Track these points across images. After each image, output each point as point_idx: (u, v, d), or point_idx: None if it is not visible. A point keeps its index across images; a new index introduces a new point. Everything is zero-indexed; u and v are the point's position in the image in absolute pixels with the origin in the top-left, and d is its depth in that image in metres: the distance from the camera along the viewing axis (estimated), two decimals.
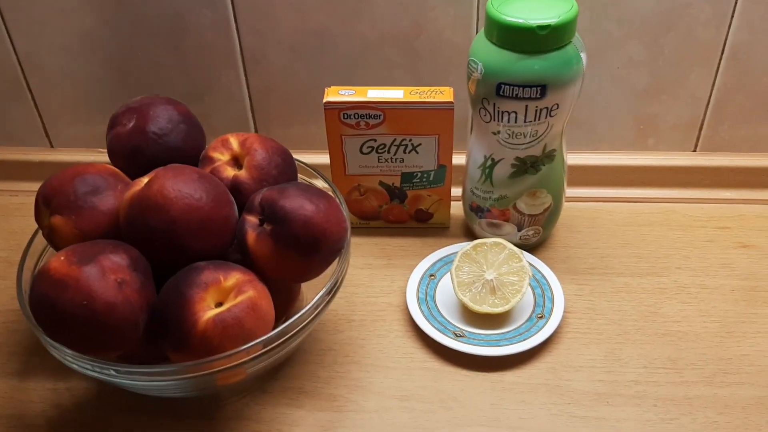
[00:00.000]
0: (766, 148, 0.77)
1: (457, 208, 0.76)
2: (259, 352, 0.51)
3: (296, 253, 0.53)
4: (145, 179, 0.53)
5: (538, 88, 0.58)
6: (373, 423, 0.57)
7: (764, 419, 0.56)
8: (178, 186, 0.52)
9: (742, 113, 0.75)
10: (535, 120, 0.61)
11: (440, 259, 0.70)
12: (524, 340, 0.61)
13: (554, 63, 0.58)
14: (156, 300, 0.51)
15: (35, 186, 0.57)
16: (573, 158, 0.72)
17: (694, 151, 0.78)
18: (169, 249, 0.52)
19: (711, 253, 0.72)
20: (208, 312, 0.49)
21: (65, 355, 0.50)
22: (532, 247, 0.72)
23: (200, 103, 0.74)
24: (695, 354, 0.61)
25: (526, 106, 0.60)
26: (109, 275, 0.48)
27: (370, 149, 0.69)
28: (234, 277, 0.52)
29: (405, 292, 0.66)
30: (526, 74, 0.58)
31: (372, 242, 0.74)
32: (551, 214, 0.69)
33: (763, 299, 0.66)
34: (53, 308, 0.47)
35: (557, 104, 0.60)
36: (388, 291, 0.68)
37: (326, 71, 0.74)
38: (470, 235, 0.74)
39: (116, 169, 0.58)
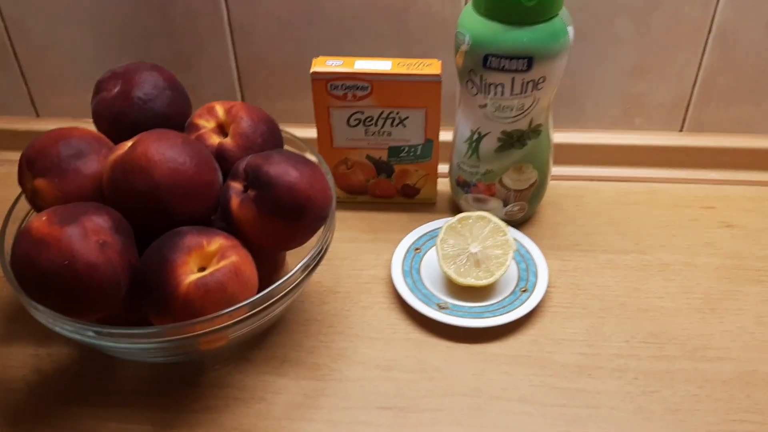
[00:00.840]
0: (751, 129, 0.78)
1: (443, 185, 0.76)
2: (242, 317, 0.50)
3: (280, 220, 0.53)
4: (128, 143, 0.53)
5: (525, 60, 0.58)
6: (356, 391, 0.57)
7: (744, 393, 0.56)
8: (162, 149, 0.52)
9: (728, 93, 0.75)
10: (521, 93, 0.61)
11: (426, 233, 0.70)
12: (507, 312, 0.61)
13: (541, 35, 0.58)
14: (138, 263, 0.51)
15: (19, 155, 0.56)
16: (559, 136, 0.72)
17: (681, 131, 0.79)
18: (151, 213, 0.52)
19: (695, 232, 0.72)
20: (190, 276, 0.49)
21: (46, 317, 0.49)
22: (517, 223, 0.72)
23: (187, 74, 0.74)
24: (677, 329, 0.62)
25: (513, 78, 0.60)
26: (91, 236, 0.48)
27: (357, 122, 0.69)
28: (217, 242, 0.52)
29: (390, 265, 0.66)
30: (513, 46, 0.58)
31: (358, 216, 0.74)
32: (537, 190, 0.70)
33: (746, 277, 0.67)
34: (34, 267, 0.47)
35: (544, 77, 0.60)
36: (373, 264, 0.68)
37: (314, 43, 0.74)
38: (456, 211, 0.74)
39: (100, 134, 0.58)
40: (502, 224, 0.65)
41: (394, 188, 0.74)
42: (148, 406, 0.56)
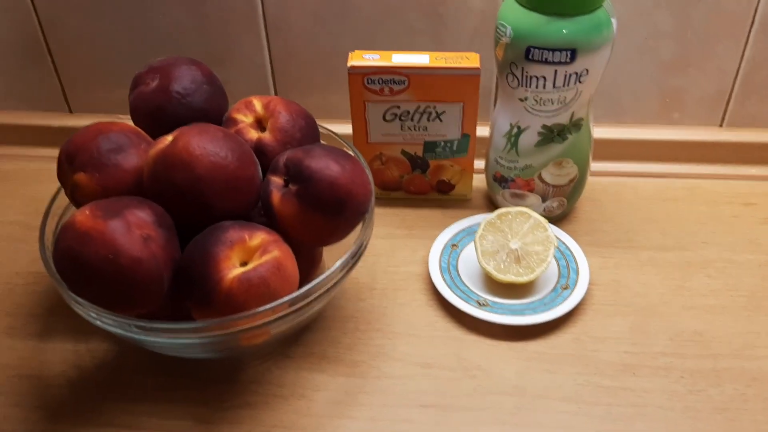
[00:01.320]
0: None
1: (478, 181, 0.75)
2: (284, 312, 0.50)
3: (321, 214, 0.52)
4: (169, 137, 0.52)
5: (568, 52, 0.57)
6: (396, 389, 0.56)
7: None
8: (203, 143, 0.51)
9: None
10: (563, 86, 0.60)
11: (463, 230, 0.69)
12: (549, 310, 0.60)
13: (585, 26, 0.57)
14: (180, 257, 0.51)
15: (54, 152, 0.56)
16: (596, 131, 0.71)
17: (720, 126, 0.77)
18: (193, 207, 0.51)
19: (737, 228, 0.71)
20: (233, 270, 0.49)
21: (88, 311, 0.49)
22: (555, 219, 0.71)
23: (220, 69, 0.72)
24: (722, 327, 0.60)
25: (555, 71, 0.59)
26: (134, 230, 0.48)
27: (393, 116, 0.68)
28: (259, 236, 0.51)
29: (427, 262, 0.66)
30: (556, 37, 0.57)
31: (392, 213, 0.73)
32: (576, 186, 0.68)
33: None
34: (78, 261, 0.46)
35: (587, 69, 0.59)
36: (409, 261, 0.68)
37: (348, 37, 0.73)
38: (492, 207, 0.73)
39: (138, 128, 0.58)
40: (543, 220, 0.64)
41: (429, 184, 0.74)
42: (187, 402, 0.55)
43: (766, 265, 0.66)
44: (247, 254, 0.50)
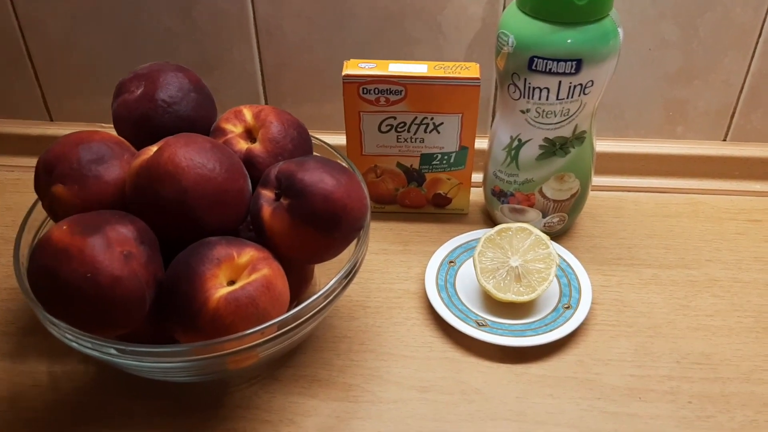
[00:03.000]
0: None
1: (475, 195, 0.72)
2: (274, 335, 0.47)
3: (315, 230, 0.50)
4: (154, 147, 0.50)
5: (574, 63, 0.55)
6: (391, 414, 0.53)
7: None
8: (190, 155, 0.48)
9: None
10: (567, 98, 0.58)
11: (460, 245, 0.66)
12: (550, 330, 0.57)
13: (591, 36, 0.55)
14: (164, 276, 0.48)
15: (33, 161, 0.53)
16: (598, 145, 0.69)
17: (725, 140, 0.75)
18: (178, 221, 0.48)
19: (742, 246, 0.69)
20: (220, 289, 0.46)
21: (64, 333, 0.46)
22: (555, 235, 0.68)
23: (210, 77, 0.71)
24: (730, 349, 0.58)
25: (560, 82, 0.56)
26: (115, 247, 0.45)
27: (389, 127, 0.65)
28: (248, 253, 0.48)
29: (423, 279, 0.63)
30: (561, 47, 0.55)
31: (387, 227, 0.71)
32: (578, 201, 0.66)
33: None
34: (54, 280, 0.43)
35: (592, 81, 0.57)
36: (405, 277, 0.65)
37: (344, 46, 0.71)
38: (490, 222, 0.71)
39: (121, 138, 0.55)
40: (544, 236, 0.61)
41: (425, 198, 0.71)
42: (169, 428, 0.52)
43: None
44: (235, 272, 0.47)
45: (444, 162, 0.68)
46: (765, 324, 0.60)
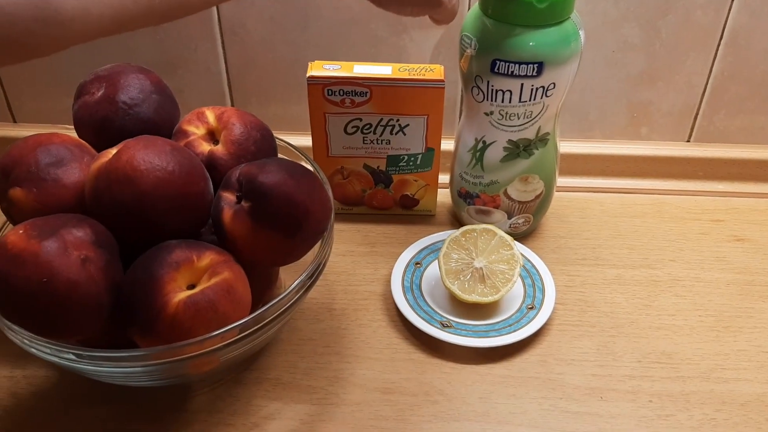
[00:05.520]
0: (761, 139, 0.75)
1: (443, 196, 0.72)
2: (234, 339, 0.47)
3: (276, 233, 0.49)
4: (113, 150, 0.49)
5: (535, 66, 0.55)
6: (354, 416, 0.53)
7: (763, 416, 0.53)
8: (149, 157, 0.48)
9: (738, 102, 0.73)
10: (530, 100, 0.58)
11: (426, 247, 0.66)
12: (514, 331, 0.58)
13: (552, 39, 0.55)
14: (123, 280, 0.47)
15: None
16: (563, 146, 0.69)
17: (688, 141, 0.76)
18: (137, 225, 0.48)
19: (705, 246, 0.69)
20: (179, 294, 0.46)
21: (22, 338, 0.45)
22: (521, 236, 0.69)
23: (174, 77, 0.70)
24: (691, 349, 0.59)
25: (522, 84, 0.57)
26: (71, 251, 0.44)
27: (355, 129, 0.65)
28: (208, 257, 0.48)
29: (389, 281, 0.63)
30: (523, 50, 0.55)
31: (354, 229, 0.71)
32: (542, 202, 0.66)
33: (759, 293, 0.64)
34: (9, 285, 0.43)
35: (554, 83, 0.57)
36: (371, 279, 0.65)
37: (309, 46, 0.70)
38: (457, 223, 0.71)
39: (82, 141, 0.54)
40: (508, 238, 0.61)
41: (392, 199, 0.71)
42: None
43: (734, 283, 0.65)
44: (195, 276, 0.47)
45: (410, 164, 0.68)
46: (726, 323, 0.61)
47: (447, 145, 0.68)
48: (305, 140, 0.67)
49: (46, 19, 0.34)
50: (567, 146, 0.73)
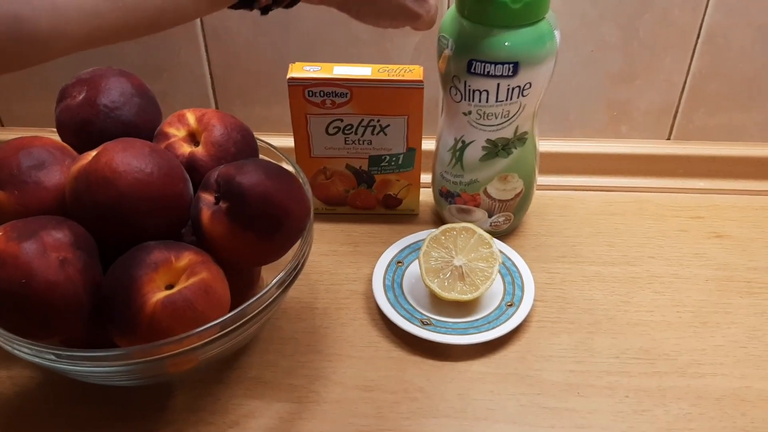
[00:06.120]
0: (741, 136, 0.76)
1: (426, 195, 0.73)
2: (212, 337, 0.47)
3: (254, 233, 0.50)
4: (93, 153, 0.50)
5: (511, 66, 0.56)
6: (334, 414, 0.54)
7: (739, 411, 0.54)
8: (127, 159, 0.48)
9: (717, 100, 0.73)
10: (507, 99, 0.59)
11: (408, 246, 0.67)
12: (493, 328, 0.59)
13: (527, 39, 0.56)
14: (102, 281, 0.48)
15: None
16: (544, 145, 0.70)
17: (668, 139, 0.77)
18: (116, 227, 0.49)
19: (684, 242, 0.70)
20: (157, 294, 0.46)
21: (2, 339, 0.46)
22: (502, 235, 0.69)
23: (158, 80, 0.71)
24: (668, 344, 0.60)
25: (498, 84, 0.57)
26: (50, 253, 0.45)
27: (336, 130, 0.66)
28: (186, 257, 0.49)
29: (371, 280, 0.64)
30: (498, 50, 0.56)
31: (338, 228, 0.72)
32: (522, 200, 0.67)
33: (737, 289, 0.65)
34: None
35: (530, 83, 0.58)
36: (353, 278, 0.66)
37: (291, 48, 0.71)
38: (440, 222, 0.72)
39: (64, 144, 0.55)
40: (487, 236, 0.62)
41: (375, 199, 0.72)
42: None
43: (712, 279, 0.66)
44: (174, 276, 0.48)
45: (392, 164, 0.69)
46: (703, 318, 0.62)
47: (430, 144, 0.69)
48: (289, 141, 0.68)
49: (20, 39, 0.34)
50: (548, 145, 0.74)
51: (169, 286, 0.48)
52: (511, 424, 0.53)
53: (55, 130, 0.58)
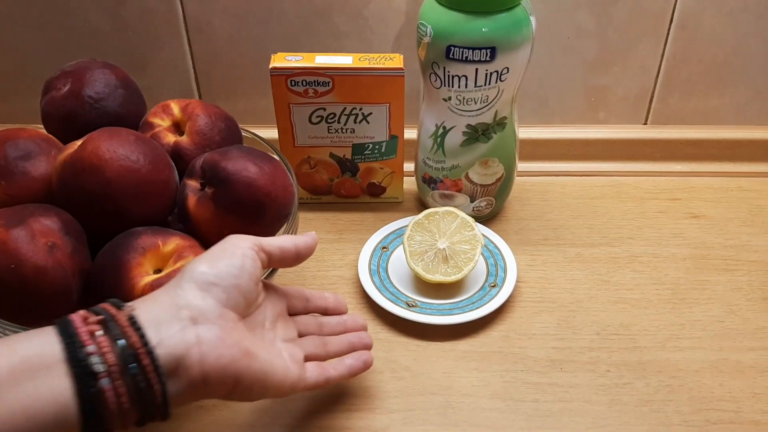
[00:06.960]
0: (715, 119, 0.78)
1: (410, 183, 0.74)
2: None
3: (239, 218, 0.51)
4: (78, 142, 0.51)
5: (488, 51, 0.57)
6: (322, 395, 0.55)
7: (716, 382, 0.56)
8: (113, 147, 0.49)
9: (691, 84, 0.75)
10: (485, 84, 0.60)
11: (393, 232, 0.68)
12: (477, 308, 0.60)
13: (504, 24, 0.57)
14: (91, 265, 0.49)
15: None
16: (524, 132, 0.72)
17: (645, 123, 0.79)
18: (104, 214, 0.50)
19: (662, 223, 0.72)
20: (145, 278, 0.47)
21: None
22: (485, 219, 0.71)
23: (142, 74, 0.71)
24: (648, 320, 0.61)
25: (476, 69, 0.59)
26: (39, 238, 0.46)
27: (319, 119, 0.67)
28: (173, 242, 0.49)
29: (357, 265, 0.65)
30: (476, 36, 0.57)
31: (323, 217, 0.73)
32: (503, 185, 0.69)
33: (714, 267, 0.66)
34: None
35: (507, 68, 0.59)
36: (339, 264, 0.67)
37: (273, 40, 0.72)
38: (423, 208, 0.73)
39: (50, 135, 0.56)
40: (470, 219, 0.63)
41: (360, 187, 0.73)
42: None
43: (690, 258, 0.67)
44: (161, 261, 0.49)
45: (375, 151, 0.70)
46: (681, 295, 0.63)
47: (413, 134, 0.70)
48: (273, 133, 0.69)
49: None
50: (528, 132, 0.75)
51: (158, 271, 0.48)
52: (496, 399, 0.54)
53: (38, 126, 0.58)
